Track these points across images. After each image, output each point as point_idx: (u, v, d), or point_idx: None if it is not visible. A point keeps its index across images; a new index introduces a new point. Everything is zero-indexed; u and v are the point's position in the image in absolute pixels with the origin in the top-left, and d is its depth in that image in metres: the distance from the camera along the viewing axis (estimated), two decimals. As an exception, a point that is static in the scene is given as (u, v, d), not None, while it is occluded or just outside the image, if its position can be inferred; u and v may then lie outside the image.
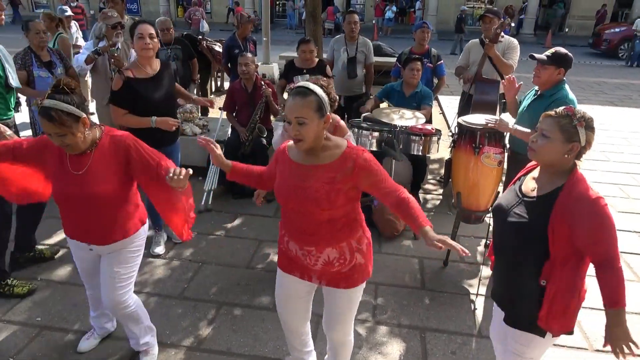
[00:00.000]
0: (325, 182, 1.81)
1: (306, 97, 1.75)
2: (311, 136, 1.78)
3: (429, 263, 3.62)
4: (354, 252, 1.95)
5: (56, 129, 1.93)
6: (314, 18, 7.12)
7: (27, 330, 2.83)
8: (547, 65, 2.94)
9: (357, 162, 1.82)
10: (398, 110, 3.90)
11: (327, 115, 1.80)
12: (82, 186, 2.07)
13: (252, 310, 3.05)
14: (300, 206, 1.86)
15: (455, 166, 3.47)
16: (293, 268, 2.07)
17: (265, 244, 3.84)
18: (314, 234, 1.90)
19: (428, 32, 4.91)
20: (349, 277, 1.99)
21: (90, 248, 2.29)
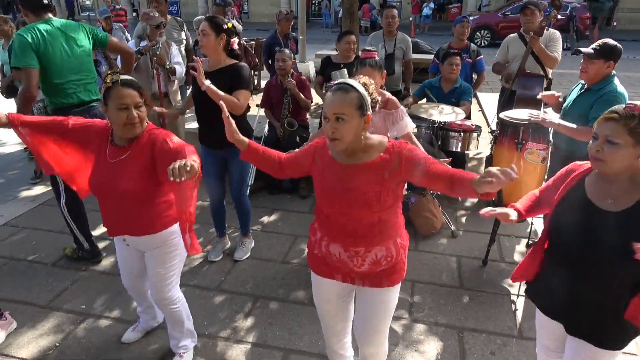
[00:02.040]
0: (375, 182, 1.73)
1: (347, 93, 1.67)
2: (349, 135, 1.68)
3: (467, 262, 3.54)
4: (399, 248, 1.89)
5: (138, 98, 2.03)
6: (351, 15, 7.10)
7: (72, 317, 2.94)
8: (595, 59, 2.80)
9: (403, 154, 1.73)
10: (437, 106, 3.84)
11: (368, 114, 1.71)
12: (114, 177, 2.10)
13: (288, 305, 3.06)
14: (347, 209, 1.77)
15: (497, 163, 3.36)
16: (333, 272, 1.97)
17: (300, 239, 3.85)
18: (364, 235, 1.81)
19: (468, 27, 4.80)
20: (390, 275, 1.92)
21: (124, 239, 2.31)
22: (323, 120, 1.75)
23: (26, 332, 2.81)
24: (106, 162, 2.14)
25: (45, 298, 3.11)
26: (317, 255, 1.99)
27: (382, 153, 1.76)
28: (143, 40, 4.36)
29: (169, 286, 2.38)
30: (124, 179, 2.08)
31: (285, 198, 4.59)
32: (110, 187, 2.12)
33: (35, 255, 3.60)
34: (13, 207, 4.37)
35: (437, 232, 3.88)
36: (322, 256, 1.95)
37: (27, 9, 3.07)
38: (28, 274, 3.38)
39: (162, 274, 2.34)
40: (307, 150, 1.96)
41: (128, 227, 2.23)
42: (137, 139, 2.13)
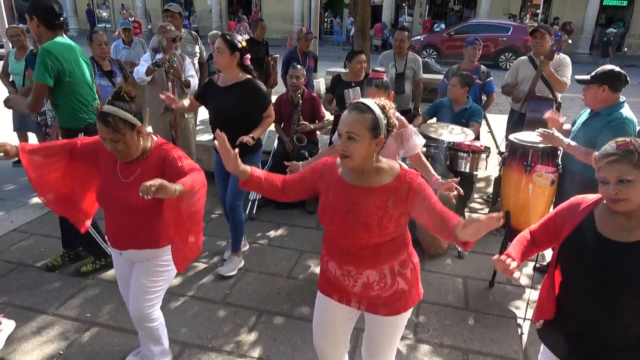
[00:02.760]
0: (378, 207, 1.72)
1: (363, 113, 1.68)
2: (359, 155, 1.69)
3: (473, 283, 3.52)
4: (396, 277, 1.84)
5: (111, 134, 1.98)
6: (363, 34, 7.18)
7: (77, 325, 2.95)
8: (590, 84, 2.88)
9: (412, 185, 1.73)
10: (446, 126, 3.86)
11: (381, 137, 1.71)
12: (125, 193, 2.09)
13: (292, 320, 3.05)
14: (346, 229, 1.77)
15: (505, 184, 3.37)
16: (331, 290, 1.97)
17: (306, 254, 3.85)
18: (355, 255, 1.80)
19: (480, 48, 4.84)
20: (389, 304, 1.87)
21: (120, 253, 2.28)
22: (337, 136, 1.76)
23: (31, 339, 2.82)
24: (116, 177, 2.15)
25: (51, 305, 3.13)
26: (322, 270, 2.01)
27: (392, 179, 1.76)
28: (158, 53, 4.44)
29: (150, 302, 2.29)
30: (132, 195, 2.05)
31: (292, 213, 4.60)
32: (120, 201, 2.12)
33: (43, 262, 3.62)
34: (23, 213, 4.41)
35: (443, 252, 3.86)
36: (324, 272, 1.98)
37: (42, 23, 3.05)
38: (35, 280, 3.40)
39: (148, 287, 2.27)
40: (314, 167, 1.96)
41: (134, 241, 2.21)
42: (146, 156, 2.13)
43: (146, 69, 4.33)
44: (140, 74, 4.38)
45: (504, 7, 22.83)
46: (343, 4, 24.70)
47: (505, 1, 22.67)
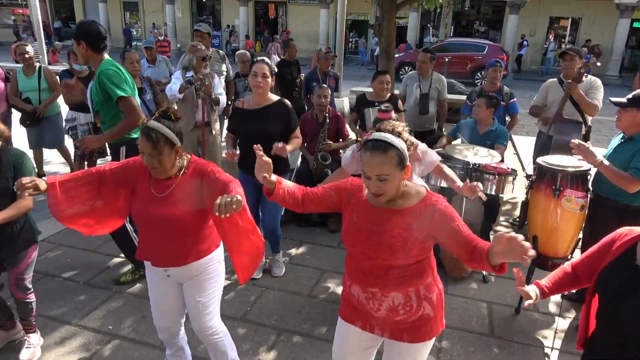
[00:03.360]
0: (403, 229, 1.70)
1: (387, 152, 1.64)
2: (393, 190, 1.70)
3: (498, 309, 3.42)
4: (422, 300, 1.79)
5: (151, 149, 2.02)
6: (388, 54, 7.22)
7: (99, 337, 2.98)
8: (628, 108, 2.80)
9: (438, 207, 1.71)
10: (472, 147, 3.81)
11: (408, 166, 1.70)
12: (162, 208, 2.11)
13: (312, 340, 3.02)
14: (370, 251, 1.75)
15: (533, 208, 3.29)
16: (354, 317, 1.91)
17: (327, 274, 3.82)
18: (380, 277, 1.77)
19: (501, 71, 4.82)
20: (414, 330, 1.82)
21: (168, 274, 2.26)
22: (363, 177, 1.72)
23: (54, 349, 2.86)
24: (151, 194, 2.15)
25: (75, 316, 3.17)
26: (344, 296, 1.97)
27: (417, 202, 1.74)
28: (188, 71, 4.54)
29: (209, 315, 2.32)
30: (173, 210, 2.10)
31: (314, 231, 4.59)
32: (156, 217, 2.12)
33: (69, 273, 3.69)
34: (52, 224, 4.50)
35: (468, 275, 3.78)
36: (346, 296, 1.93)
37: (90, 47, 3.16)
38: (60, 291, 3.46)
39: (203, 302, 2.28)
40: (339, 186, 1.92)
41: (176, 258, 2.19)
42: (183, 172, 2.16)
43: (179, 87, 4.42)
44: (173, 91, 4.46)
45: (530, 28, 22.72)
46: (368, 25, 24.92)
47: (531, 22, 22.57)
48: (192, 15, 28.44)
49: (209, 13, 29.09)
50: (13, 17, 30.40)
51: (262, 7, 27.93)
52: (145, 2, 28.33)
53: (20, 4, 29.67)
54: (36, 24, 6.78)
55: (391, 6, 6.94)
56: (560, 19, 23.54)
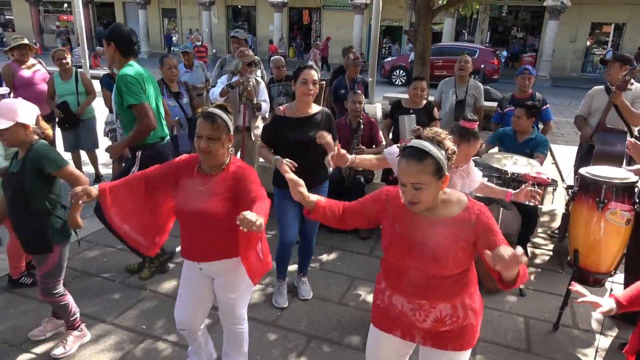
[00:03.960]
0: (447, 239, 1.67)
1: (422, 160, 1.61)
2: (428, 200, 1.66)
3: (535, 324, 3.30)
4: (468, 310, 1.77)
5: (212, 131, 2.12)
6: (423, 60, 7.16)
7: (133, 336, 3.03)
8: None
9: (481, 217, 1.69)
10: (511, 156, 3.70)
11: (446, 175, 1.65)
12: (199, 201, 2.18)
13: (342, 348, 2.98)
14: (415, 261, 1.72)
15: (574, 221, 3.17)
16: (393, 326, 1.87)
17: (358, 281, 3.78)
18: (427, 288, 1.73)
19: (530, 79, 4.69)
20: (458, 338, 1.80)
21: (200, 268, 2.33)
22: (399, 184, 1.69)
23: (89, 346, 2.93)
24: (193, 189, 2.23)
25: (110, 314, 3.24)
26: (379, 305, 1.92)
27: (460, 211, 1.71)
28: (235, 76, 4.62)
29: (240, 308, 2.47)
30: (209, 204, 2.18)
31: (346, 237, 4.56)
32: (195, 212, 2.20)
33: (105, 272, 3.78)
34: (90, 223, 4.60)
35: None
36: (384, 307, 1.88)
37: (118, 50, 3.26)
38: (97, 290, 3.54)
39: (234, 299, 2.40)
40: (375, 197, 1.89)
41: (210, 252, 2.28)
42: (225, 168, 2.24)
43: (221, 90, 4.50)
44: (215, 95, 4.56)
45: (571, 34, 22.06)
46: (402, 31, 24.67)
47: (572, 28, 21.91)
48: (227, 21, 28.97)
49: (244, 19, 29.57)
50: (58, 24, 31.72)
51: (296, 14, 28.19)
52: (183, 9, 29.04)
53: (65, 11, 30.96)
54: (79, 30, 7.04)
55: (427, 12, 6.89)
56: (603, 24, 22.78)
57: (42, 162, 2.52)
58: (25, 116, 2.49)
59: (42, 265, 2.67)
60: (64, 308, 2.82)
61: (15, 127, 2.45)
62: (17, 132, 2.47)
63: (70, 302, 2.84)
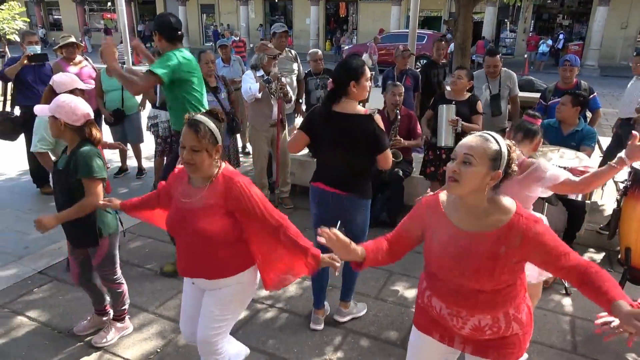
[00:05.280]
0: (489, 257, 1.57)
1: (487, 141, 1.57)
2: (470, 182, 1.56)
3: (582, 324, 3.17)
4: (511, 322, 1.67)
5: (195, 141, 1.95)
6: (462, 51, 6.96)
7: (174, 326, 3.10)
8: None
9: (526, 234, 1.55)
10: (557, 149, 3.55)
11: (499, 172, 1.58)
12: (192, 219, 2.04)
13: (379, 343, 2.96)
14: (456, 276, 1.64)
15: (626, 217, 3.01)
16: (432, 328, 1.82)
17: (395, 277, 3.74)
18: (468, 299, 1.65)
19: (572, 70, 4.51)
20: (501, 348, 1.70)
21: (192, 282, 2.25)
22: (450, 161, 1.62)
23: (132, 334, 3.02)
24: (180, 203, 2.11)
25: (152, 304, 3.34)
26: (419, 305, 1.87)
27: (503, 224, 1.58)
28: (258, 70, 4.62)
29: (217, 330, 2.19)
30: (200, 221, 2.02)
31: (382, 232, 4.46)
32: (182, 227, 2.09)
33: (147, 263, 3.90)
34: (133, 215, 4.79)
35: (548, 286, 3.53)
36: (424, 307, 1.83)
37: (164, 37, 3.35)
38: (139, 279, 3.65)
39: (215, 314, 2.17)
40: (414, 213, 1.84)
41: (200, 270, 2.14)
42: (214, 180, 2.05)
43: (259, 86, 4.49)
44: (253, 91, 4.47)
45: (622, 20, 20.95)
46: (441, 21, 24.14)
47: (623, 14, 20.79)
48: (265, 15, 29.20)
49: (281, 13, 29.70)
50: (103, 21, 32.83)
51: (332, 6, 28.07)
52: (221, 4, 29.46)
53: (109, 9, 31.98)
54: (122, 27, 7.23)
55: (468, 1, 6.68)
56: (658, 9, 21.52)
57: (78, 164, 2.54)
58: (62, 113, 2.52)
59: (94, 256, 2.77)
60: (118, 295, 2.92)
61: (51, 119, 2.56)
62: (53, 125, 2.57)
63: (125, 291, 2.95)
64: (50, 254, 3.99)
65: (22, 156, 6.69)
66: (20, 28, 13.03)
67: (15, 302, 3.33)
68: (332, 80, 2.85)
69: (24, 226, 4.59)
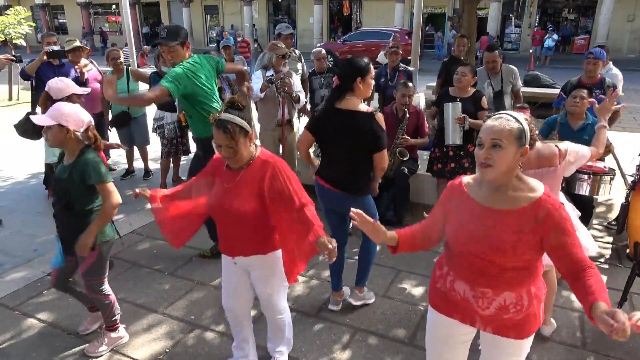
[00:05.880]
0: (514, 232, 1.62)
1: (508, 122, 1.63)
2: (503, 164, 1.61)
3: (592, 320, 3.14)
4: (532, 299, 1.73)
5: (228, 140, 2.10)
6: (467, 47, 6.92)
7: (183, 326, 3.12)
8: None
9: (551, 213, 1.60)
10: (562, 144, 3.51)
11: (526, 147, 1.64)
12: (229, 200, 2.22)
13: (387, 341, 2.95)
14: (480, 250, 1.69)
15: (634, 212, 2.99)
16: (453, 311, 1.85)
17: (402, 274, 3.73)
18: (493, 277, 1.70)
19: (596, 63, 4.39)
20: (520, 326, 1.76)
21: (234, 262, 2.40)
22: (477, 147, 1.67)
23: (141, 335, 3.04)
24: (222, 186, 2.28)
25: (160, 305, 3.35)
26: (439, 289, 1.89)
27: (529, 202, 1.64)
28: (268, 70, 4.63)
29: (277, 301, 2.51)
30: (236, 201, 2.20)
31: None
32: (224, 208, 2.24)
33: (155, 264, 3.91)
34: (141, 216, 4.82)
35: (557, 283, 3.51)
36: (445, 291, 1.86)
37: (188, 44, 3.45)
38: (147, 280, 3.67)
39: (269, 293, 2.46)
40: (441, 199, 1.89)
41: (240, 248, 2.33)
42: (251, 163, 2.22)
43: (261, 86, 4.52)
44: (255, 91, 4.53)
45: (629, 13, 20.77)
46: (445, 17, 24.08)
47: (630, 7, 20.61)
48: (268, 15, 29.22)
49: (285, 13, 29.71)
50: (107, 25, 33.02)
51: (336, 5, 28.05)
52: (225, 5, 29.52)
53: (114, 12, 32.16)
54: (127, 30, 7.26)
55: (472, -4, 6.65)
56: (665, 2, 21.32)
57: (88, 172, 2.52)
58: (69, 120, 2.49)
59: (82, 263, 2.69)
60: (105, 307, 2.82)
61: (57, 127, 2.48)
62: (58, 134, 2.49)
63: (113, 302, 2.84)
64: (59, 256, 4.02)
65: (30, 159, 6.75)
66: (26, 33, 13.12)
67: (25, 304, 3.36)
68: (338, 76, 2.89)
69: (33, 229, 4.64)
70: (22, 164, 6.66)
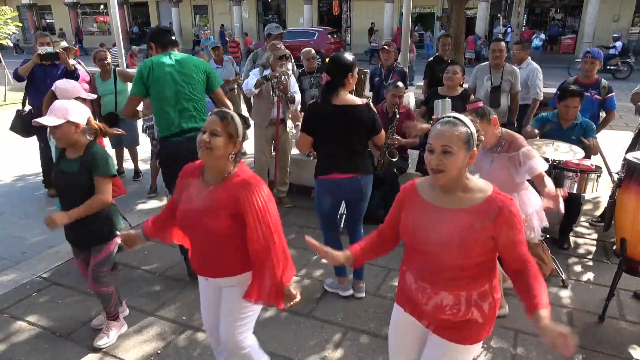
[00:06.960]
0: (462, 228, 1.64)
1: (456, 126, 1.65)
2: (454, 169, 1.65)
3: (580, 316, 3.19)
4: (471, 306, 1.72)
5: (217, 125, 1.95)
6: (456, 46, 6.99)
7: (174, 327, 3.11)
8: None
9: (503, 210, 1.63)
10: (551, 143, 3.56)
11: (474, 150, 1.68)
12: (199, 215, 2.03)
13: (379, 340, 2.97)
14: (425, 246, 1.72)
15: (621, 209, 3.02)
16: (404, 302, 1.91)
17: (393, 273, 3.75)
18: (432, 273, 1.73)
19: (593, 62, 4.43)
20: (457, 330, 1.76)
21: (206, 278, 2.24)
22: (426, 152, 1.69)
23: (132, 336, 3.02)
24: (192, 200, 2.08)
25: (151, 306, 3.34)
26: (399, 280, 1.97)
27: (481, 200, 1.67)
28: (266, 69, 4.64)
29: (240, 329, 2.22)
30: (205, 218, 2.02)
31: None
32: (193, 225, 2.09)
33: (146, 265, 3.90)
34: (130, 218, 4.72)
35: (545, 278, 3.55)
36: (401, 282, 1.93)
37: (155, 45, 3.38)
38: (138, 282, 3.66)
39: (237, 312, 2.19)
40: (396, 200, 1.91)
41: (211, 268, 2.15)
42: (228, 178, 2.03)
43: (256, 82, 4.54)
44: (249, 86, 4.61)
45: (614, 13, 21.03)
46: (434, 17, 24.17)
47: (615, 7, 20.87)
48: (258, 15, 29.15)
49: (274, 12, 29.66)
50: (96, 25, 32.72)
51: (325, 5, 28.06)
52: (214, 5, 29.40)
53: (102, 12, 31.88)
54: (115, 30, 7.21)
55: (461, -4, 6.70)
56: (649, 1, 21.60)
57: (97, 163, 2.61)
58: (76, 115, 2.59)
59: (98, 254, 2.77)
60: (109, 297, 2.90)
61: (66, 125, 2.55)
62: (68, 131, 2.56)
63: (114, 292, 2.94)
64: (48, 258, 3.99)
65: (18, 162, 6.68)
66: (13, 33, 12.96)
67: (15, 307, 3.33)
68: (328, 74, 2.99)
69: (21, 231, 4.59)
70: (9, 166, 6.58)
